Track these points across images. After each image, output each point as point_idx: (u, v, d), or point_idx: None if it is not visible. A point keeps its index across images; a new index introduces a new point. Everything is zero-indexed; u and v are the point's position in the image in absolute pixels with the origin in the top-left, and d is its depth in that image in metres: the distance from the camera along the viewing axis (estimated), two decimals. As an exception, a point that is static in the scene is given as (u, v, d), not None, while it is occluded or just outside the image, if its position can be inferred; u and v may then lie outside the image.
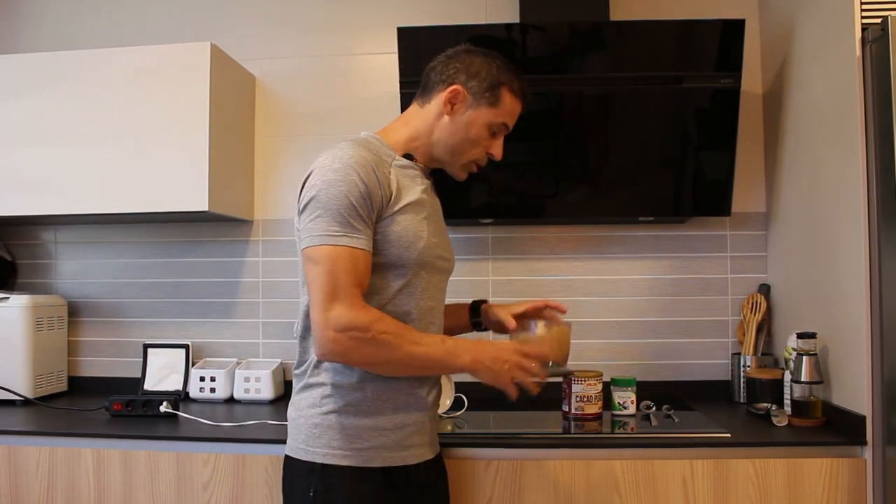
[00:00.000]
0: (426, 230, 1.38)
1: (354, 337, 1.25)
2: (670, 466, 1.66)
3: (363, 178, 1.29)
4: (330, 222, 1.27)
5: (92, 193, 2.09)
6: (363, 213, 1.29)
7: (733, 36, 1.99)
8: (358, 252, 1.28)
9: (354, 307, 1.26)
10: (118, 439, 1.77)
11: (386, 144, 1.43)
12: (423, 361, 1.32)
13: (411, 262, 1.35)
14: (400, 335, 1.29)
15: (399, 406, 1.37)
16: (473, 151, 1.45)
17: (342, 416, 1.34)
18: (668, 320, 2.28)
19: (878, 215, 1.59)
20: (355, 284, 1.27)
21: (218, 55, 2.12)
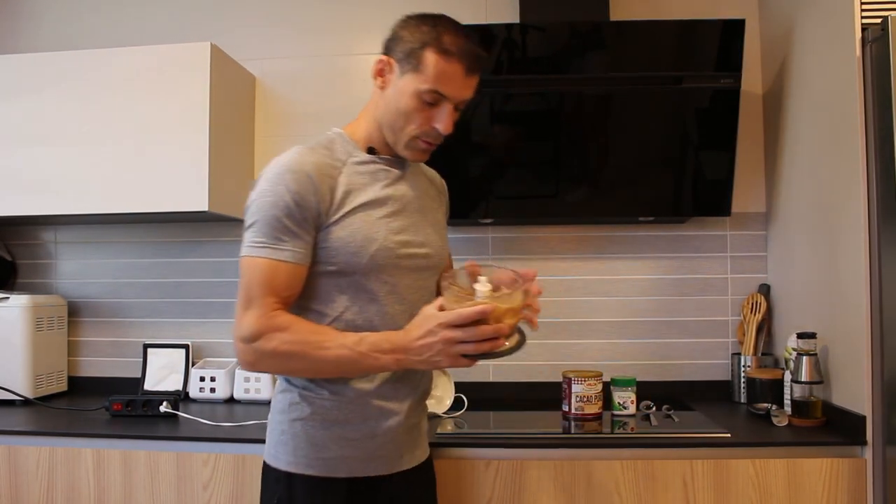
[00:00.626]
0: (383, 230, 1.30)
1: (258, 348, 1.22)
2: (670, 466, 1.66)
3: (294, 187, 1.24)
4: (256, 233, 1.25)
5: (92, 193, 2.09)
6: (291, 223, 1.24)
7: (733, 36, 1.99)
8: (279, 265, 1.23)
9: (262, 317, 1.22)
10: (118, 439, 1.77)
11: (350, 141, 1.36)
12: (335, 366, 1.24)
13: (362, 267, 1.28)
14: (306, 342, 1.22)
15: (369, 416, 1.31)
16: (410, 127, 1.30)
17: (308, 424, 1.30)
18: (668, 320, 2.28)
19: (878, 215, 1.59)
20: (270, 294, 1.23)
21: (218, 55, 2.12)
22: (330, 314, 1.29)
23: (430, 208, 1.44)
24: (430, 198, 1.46)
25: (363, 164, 1.34)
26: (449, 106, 1.29)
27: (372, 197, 1.31)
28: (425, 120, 1.30)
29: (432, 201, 1.46)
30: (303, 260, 1.26)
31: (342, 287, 1.29)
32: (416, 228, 1.36)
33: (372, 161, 1.35)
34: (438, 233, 1.43)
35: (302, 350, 1.22)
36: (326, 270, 1.29)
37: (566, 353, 2.28)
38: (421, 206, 1.40)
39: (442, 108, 1.29)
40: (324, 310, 1.30)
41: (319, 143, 1.34)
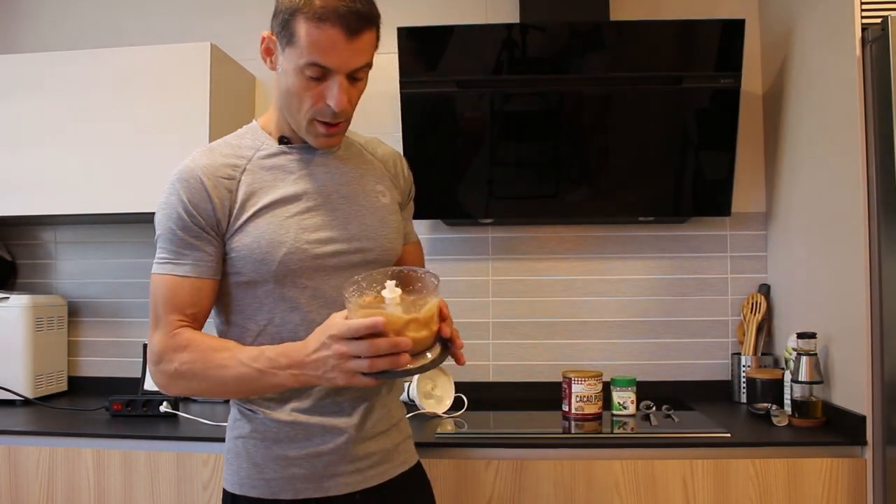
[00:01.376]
0: (293, 230, 1.17)
1: (163, 370, 1.14)
2: (670, 466, 1.66)
3: (185, 196, 1.15)
4: (159, 249, 1.19)
5: (92, 193, 2.09)
6: (187, 235, 1.15)
7: (733, 36, 1.99)
8: (180, 281, 1.16)
9: (165, 336, 1.15)
10: (118, 439, 1.77)
11: (262, 133, 1.24)
12: (237, 386, 1.12)
13: (272, 274, 1.16)
14: (205, 361, 1.12)
15: (312, 434, 1.19)
16: (303, 107, 1.15)
17: (249, 442, 1.20)
18: (668, 320, 2.28)
19: (878, 215, 1.59)
20: (173, 311, 1.15)
21: (218, 55, 2.12)
22: (252, 328, 1.19)
23: (368, 193, 1.27)
24: (371, 181, 1.29)
25: (270, 156, 1.22)
26: (338, 78, 1.12)
27: (280, 195, 1.18)
28: (317, 98, 1.14)
29: (375, 184, 1.29)
30: (207, 273, 1.17)
31: (259, 297, 1.18)
32: (343, 221, 1.21)
33: (281, 152, 1.22)
34: (383, 220, 1.26)
35: (202, 370, 1.12)
36: (239, 281, 1.19)
37: (566, 353, 2.28)
38: (352, 194, 1.24)
39: (331, 82, 1.13)
40: (246, 324, 1.20)
41: (227, 140, 1.24)
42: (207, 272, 1.17)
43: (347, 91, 1.15)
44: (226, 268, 1.19)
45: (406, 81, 2.04)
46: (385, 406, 1.27)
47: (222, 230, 1.17)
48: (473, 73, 2.05)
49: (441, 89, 2.05)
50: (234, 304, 1.20)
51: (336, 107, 1.14)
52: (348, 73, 1.14)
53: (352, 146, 1.31)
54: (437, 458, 1.68)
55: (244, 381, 1.11)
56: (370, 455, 1.23)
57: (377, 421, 1.25)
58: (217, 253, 1.18)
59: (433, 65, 2.06)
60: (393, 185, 1.34)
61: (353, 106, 1.19)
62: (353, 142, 1.33)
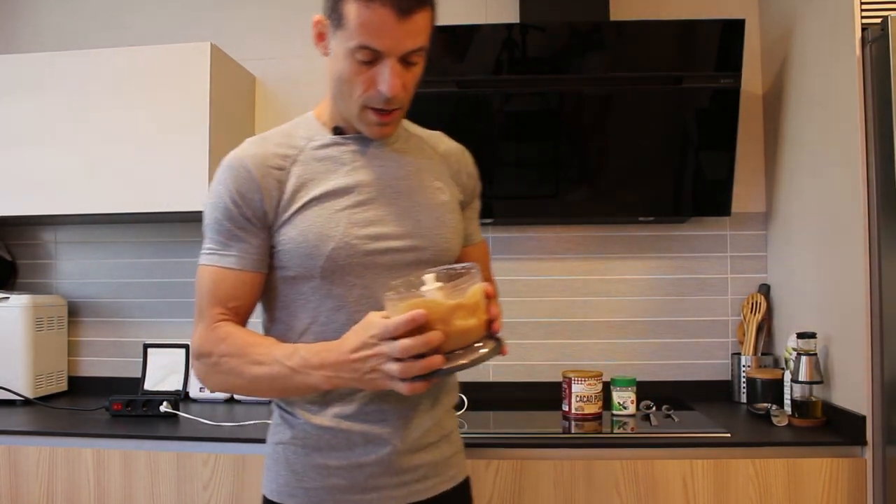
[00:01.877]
0: (342, 224, 1.11)
1: (205, 363, 1.11)
2: (670, 466, 1.66)
3: (232, 186, 1.11)
4: (206, 239, 1.15)
5: (92, 193, 2.09)
6: (233, 226, 1.12)
7: (733, 36, 1.99)
8: (223, 273, 1.12)
9: (206, 330, 1.12)
10: (118, 439, 1.77)
11: (316, 123, 1.20)
12: (271, 385, 1.08)
13: (319, 270, 1.10)
14: (242, 356, 1.08)
15: (354, 444, 1.12)
16: (355, 93, 1.10)
17: (289, 449, 1.15)
18: (668, 320, 2.28)
19: (878, 215, 1.59)
20: (215, 304, 1.12)
21: (218, 55, 2.12)
22: (297, 326, 1.14)
23: (426, 189, 1.19)
24: (429, 176, 1.21)
25: (323, 147, 1.16)
26: (390, 62, 1.06)
27: (332, 186, 1.13)
28: (368, 83, 1.08)
29: (435, 180, 1.22)
30: (252, 266, 1.13)
31: (305, 294, 1.13)
32: (397, 217, 1.15)
33: (335, 143, 1.17)
34: (440, 219, 1.18)
35: (237, 366, 1.08)
36: (286, 276, 1.14)
37: (566, 353, 2.28)
38: (407, 189, 1.17)
39: (382, 66, 1.07)
40: (290, 321, 1.15)
41: (281, 129, 1.19)
42: (252, 265, 1.13)
43: (400, 75, 1.08)
44: (272, 261, 1.14)
45: (406, 81, 2.04)
46: (435, 416, 1.19)
47: (269, 222, 1.13)
48: (473, 73, 2.05)
49: (441, 89, 2.05)
50: (279, 299, 1.16)
51: (388, 92, 1.07)
52: (401, 56, 1.07)
53: (411, 139, 1.25)
54: (437, 458, 1.68)
55: (277, 380, 1.06)
56: (417, 468, 1.15)
57: (426, 431, 1.17)
58: (263, 245, 1.13)
59: (433, 65, 2.05)
60: (454, 182, 1.26)
61: (408, 93, 1.12)
62: (413, 134, 1.26)
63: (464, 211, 1.28)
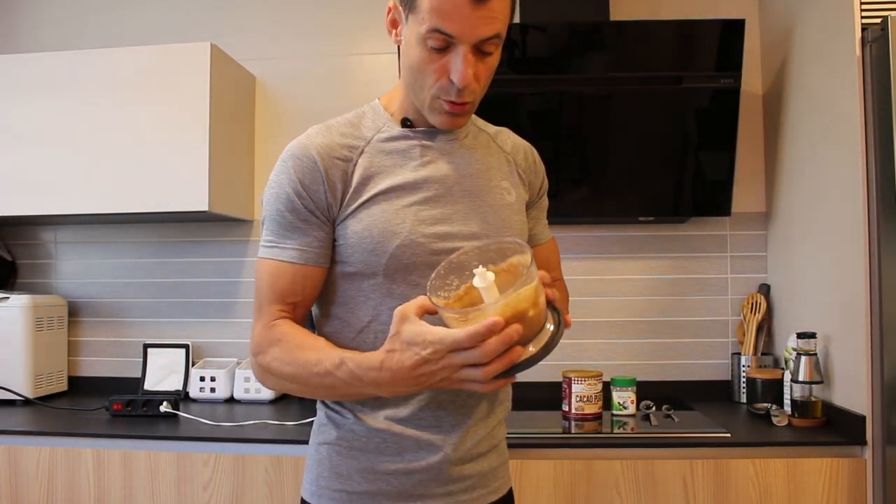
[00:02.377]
0: (409, 220, 1.06)
1: (259, 363, 1.07)
2: (670, 466, 1.66)
3: (296, 176, 1.06)
4: (266, 231, 1.10)
5: (92, 193, 2.09)
6: (295, 218, 1.07)
7: (733, 36, 1.99)
8: (283, 266, 1.07)
9: (264, 328, 1.07)
10: (118, 439, 1.77)
11: (384, 113, 1.15)
12: (329, 392, 1.06)
13: (383, 267, 1.06)
14: (295, 361, 1.03)
15: (405, 448, 1.08)
16: (427, 83, 1.05)
17: (334, 449, 1.10)
18: (668, 320, 2.28)
19: (878, 215, 1.59)
20: (275, 301, 1.07)
21: (218, 55, 2.12)
22: (354, 323, 1.10)
23: (493, 189, 1.15)
24: (497, 175, 1.17)
25: (392, 140, 1.11)
26: (463, 49, 1.00)
27: (399, 181, 1.08)
28: (441, 72, 1.03)
29: (503, 179, 1.17)
30: (313, 260, 1.08)
31: (365, 291, 1.09)
32: (464, 216, 1.10)
33: (403, 136, 1.12)
34: (506, 220, 1.14)
35: (292, 370, 1.04)
36: (346, 272, 1.09)
37: (566, 353, 2.28)
38: (476, 188, 1.13)
39: (454, 55, 1.01)
40: (348, 318, 1.10)
41: (346, 118, 1.14)
42: (314, 259, 1.08)
43: (473, 65, 1.02)
44: (333, 256, 1.10)
45: (406, 81, 2.04)
46: (489, 425, 1.15)
47: (333, 215, 1.08)
48: (473, 73, 2.05)
49: (441, 89, 2.05)
50: (337, 295, 1.11)
51: (459, 82, 1.01)
52: (474, 43, 1.00)
53: (480, 135, 1.20)
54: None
55: (329, 388, 1.03)
56: (465, 478, 1.11)
57: (478, 441, 1.12)
58: (326, 239, 1.08)
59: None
60: (521, 181, 1.21)
61: (481, 85, 1.06)
62: (481, 131, 1.21)
63: (530, 210, 1.24)
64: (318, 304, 1.15)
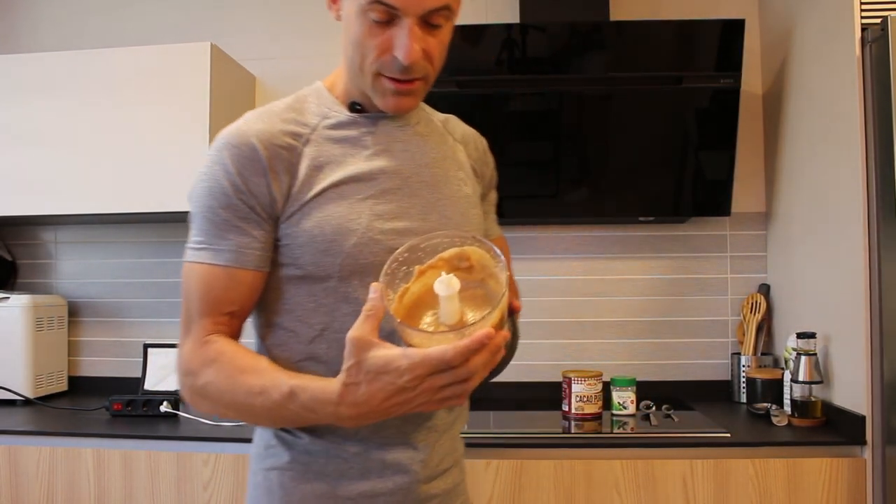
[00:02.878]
0: (366, 216, 0.95)
1: (189, 385, 0.94)
2: (670, 466, 1.66)
3: (235, 166, 0.94)
4: (195, 231, 0.97)
5: (92, 193, 2.09)
6: (232, 216, 0.94)
7: (733, 36, 1.99)
8: (217, 271, 0.93)
9: (195, 344, 0.94)
10: (118, 439, 1.77)
11: (329, 97, 1.04)
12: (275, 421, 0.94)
13: (337, 268, 0.94)
14: (234, 387, 0.90)
15: (368, 469, 0.96)
16: (367, 58, 0.95)
17: (286, 475, 0.97)
18: (668, 320, 2.28)
19: (878, 215, 1.59)
20: (207, 313, 0.94)
21: (218, 55, 2.12)
22: (304, 333, 0.97)
23: (450, 180, 1.05)
24: (453, 165, 1.08)
25: (340, 126, 1.00)
26: (408, 22, 0.91)
27: (351, 172, 0.97)
28: (383, 47, 0.93)
29: (457, 170, 1.08)
30: (253, 263, 0.95)
31: (317, 296, 0.96)
32: (422, 210, 1.00)
33: (352, 122, 1.01)
34: (464, 214, 1.05)
35: (231, 398, 0.91)
36: (293, 275, 0.96)
37: (566, 353, 2.28)
38: (433, 179, 1.03)
39: (399, 28, 0.92)
40: (296, 327, 0.97)
41: (286, 102, 1.03)
42: (254, 262, 0.95)
43: (421, 40, 0.93)
44: (275, 258, 0.97)
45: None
46: (453, 436, 1.06)
47: (277, 212, 0.95)
48: (473, 73, 2.05)
49: (441, 89, 2.04)
50: (282, 302, 0.98)
51: (405, 58, 0.91)
52: (420, 15, 0.91)
53: (431, 122, 1.10)
54: (437, 458, 1.68)
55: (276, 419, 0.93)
56: (431, 497, 1.00)
57: (444, 456, 1.03)
58: (267, 239, 0.96)
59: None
60: (473, 172, 1.13)
61: (431, 62, 0.96)
62: (432, 118, 1.12)
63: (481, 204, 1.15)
64: (259, 312, 1.01)
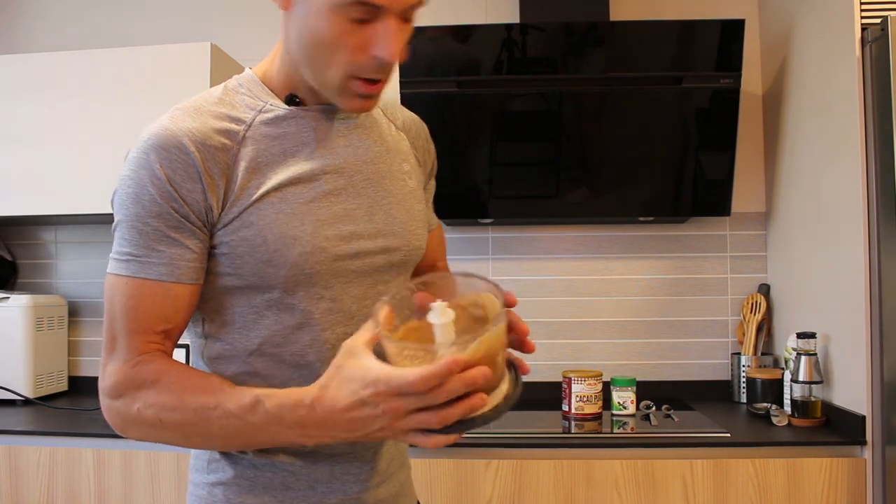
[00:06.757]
0: (310, 221, 0.88)
1: (119, 410, 0.85)
2: (670, 466, 1.66)
3: (165, 170, 0.85)
4: (119, 241, 0.87)
5: (92, 193, 2.09)
6: (163, 224, 0.85)
7: (733, 36, 1.99)
8: (147, 285, 0.85)
9: (125, 365, 0.84)
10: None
11: (263, 88, 0.94)
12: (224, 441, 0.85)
13: (281, 280, 0.87)
14: (179, 407, 0.82)
15: (316, 479, 0.92)
16: (338, 59, 0.85)
17: (231, 490, 0.91)
18: (668, 320, 2.28)
19: (878, 215, 1.59)
20: (137, 331, 0.85)
21: (218, 55, 2.12)
22: (242, 346, 0.90)
23: (395, 175, 0.98)
24: (397, 158, 1.00)
25: (277, 121, 0.91)
26: (390, 19, 0.84)
27: (293, 173, 0.89)
28: (360, 46, 0.84)
29: (401, 162, 1.00)
30: (188, 276, 0.86)
31: (257, 308, 0.89)
32: (367, 211, 0.93)
33: (292, 116, 0.92)
34: (410, 211, 0.98)
35: (174, 418, 0.83)
36: (231, 285, 0.89)
37: (566, 353, 2.28)
38: (377, 175, 0.95)
39: (380, 25, 0.84)
40: (234, 340, 0.90)
41: (215, 95, 0.92)
42: (189, 275, 0.86)
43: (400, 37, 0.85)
44: (211, 267, 0.89)
45: (406, 82, 2.04)
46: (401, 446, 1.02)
47: (212, 219, 0.87)
48: (473, 73, 2.05)
49: (441, 89, 2.05)
50: (219, 314, 0.91)
51: (391, 57, 0.84)
52: (400, 11, 0.84)
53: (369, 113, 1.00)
54: (437, 458, 1.68)
55: (234, 437, 0.83)
56: (380, 501, 0.97)
57: (391, 459, 0.99)
58: (202, 249, 0.87)
59: (433, 65, 2.06)
60: (417, 162, 1.05)
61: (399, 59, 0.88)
62: None
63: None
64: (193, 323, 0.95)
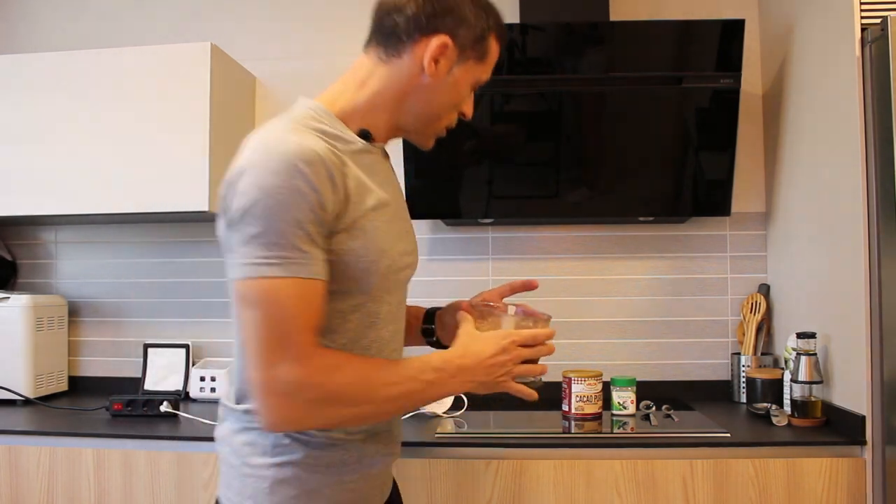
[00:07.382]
0: (391, 237, 1.07)
1: (310, 399, 0.96)
2: (670, 466, 1.66)
3: (313, 180, 0.95)
4: (269, 246, 0.93)
5: (92, 193, 2.09)
6: (313, 229, 0.95)
7: (733, 36, 1.99)
8: (310, 283, 0.95)
9: (305, 359, 0.95)
10: (118, 439, 1.77)
11: (337, 121, 1.08)
12: (401, 404, 1.04)
13: (372, 287, 1.04)
14: (369, 380, 0.99)
15: (365, 453, 1.10)
16: (446, 116, 1.14)
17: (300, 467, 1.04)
18: (668, 320, 2.28)
19: (878, 215, 1.59)
20: (307, 328, 0.95)
21: (218, 55, 2.12)
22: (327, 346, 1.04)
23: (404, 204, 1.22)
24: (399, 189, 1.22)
25: (361, 153, 1.07)
26: None
27: (379, 197, 1.06)
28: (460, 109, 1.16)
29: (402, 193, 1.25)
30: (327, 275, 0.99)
31: (344, 312, 1.04)
32: (408, 232, 1.17)
33: (367, 150, 1.09)
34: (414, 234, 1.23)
35: (367, 392, 0.99)
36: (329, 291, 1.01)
37: (566, 353, 2.28)
38: (402, 203, 1.20)
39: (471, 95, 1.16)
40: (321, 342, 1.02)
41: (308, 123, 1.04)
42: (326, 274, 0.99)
43: None
44: None
45: (406, 81, 2.04)
46: None
47: (332, 229, 0.99)
48: (473, 73, 2.05)
49: (441, 89, 2.05)
50: None
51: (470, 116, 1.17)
52: None
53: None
54: (437, 458, 1.68)
55: (408, 398, 1.03)
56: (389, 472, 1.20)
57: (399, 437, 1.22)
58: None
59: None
60: None
61: None
62: None
63: None
64: None
